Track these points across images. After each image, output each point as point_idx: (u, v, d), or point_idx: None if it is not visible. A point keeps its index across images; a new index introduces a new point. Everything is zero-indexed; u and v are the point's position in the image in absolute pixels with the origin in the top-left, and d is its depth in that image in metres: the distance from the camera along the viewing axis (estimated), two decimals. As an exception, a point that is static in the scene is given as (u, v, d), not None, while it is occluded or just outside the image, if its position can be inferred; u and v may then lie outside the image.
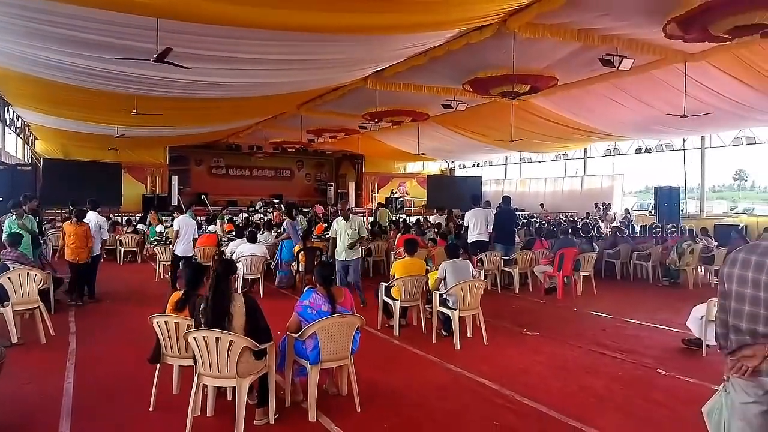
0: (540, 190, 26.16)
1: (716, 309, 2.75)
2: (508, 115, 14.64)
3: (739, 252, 2.67)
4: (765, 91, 11.37)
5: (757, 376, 2.49)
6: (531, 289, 9.89)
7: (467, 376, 5.19)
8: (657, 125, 15.01)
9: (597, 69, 10.04)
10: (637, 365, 5.58)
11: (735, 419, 2.62)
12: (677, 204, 18.96)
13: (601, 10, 7.81)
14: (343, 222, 8.01)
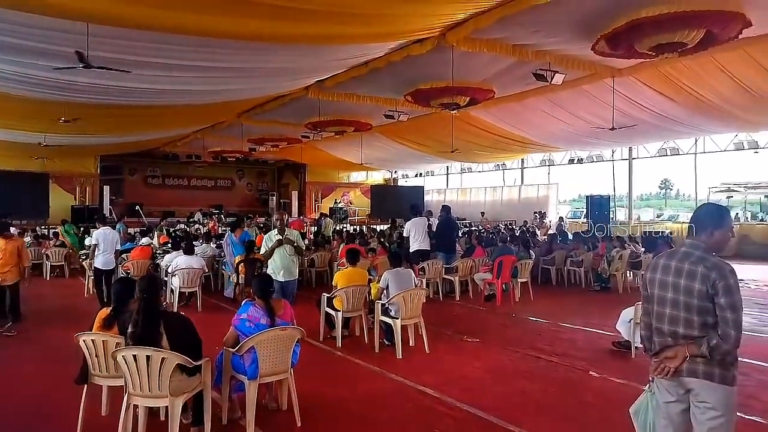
0: (480, 200, 26.79)
1: (640, 312, 2.90)
2: (448, 126, 14.94)
3: (660, 258, 2.84)
4: (686, 105, 12.14)
5: (678, 376, 2.63)
6: (472, 296, 10.07)
7: (409, 385, 5.21)
8: (588, 137, 15.71)
9: (532, 83, 10.41)
10: (570, 368, 5.77)
11: (659, 418, 2.77)
12: (607, 212, 19.89)
13: (533, 26, 8.12)
14: (277, 236, 6.82)
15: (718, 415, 2.54)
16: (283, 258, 6.80)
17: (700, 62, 9.73)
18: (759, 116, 12.84)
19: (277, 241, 6.73)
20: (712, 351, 2.51)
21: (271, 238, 6.89)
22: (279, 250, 6.78)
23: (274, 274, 6.67)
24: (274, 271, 6.76)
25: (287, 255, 6.82)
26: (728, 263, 2.59)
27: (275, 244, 6.74)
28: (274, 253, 6.78)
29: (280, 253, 6.80)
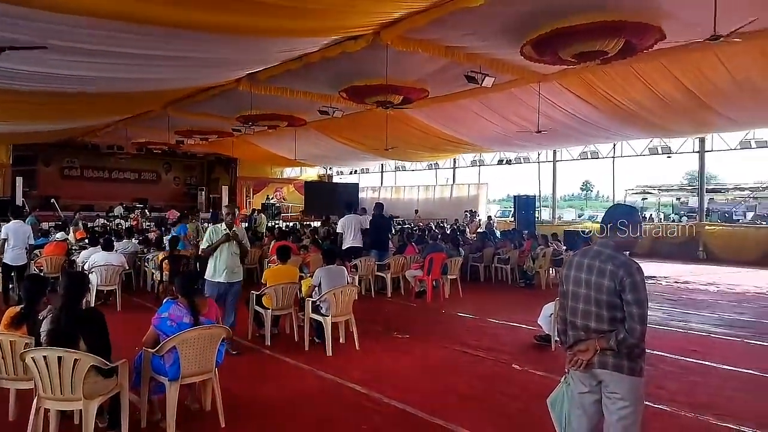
0: (414, 198, 27.16)
1: (559, 309, 3.03)
2: (383, 124, 15.01)
3: (575, 256, 2.98)
4: (606, 111, 12.82)
5: (590, 368, 2.77)
6: (403, 293, 10.19)
7: (338, 382, 5.20)
8: (516, 139, 16.26)
9: (464, 85, 10.63)
10: (495, 362, 5.96)
11: (574, 408, 2.90)
12: (533, 211, 20.71)
13: (465, 29, 8.31)
14: (224, 231, 6.08)
15: (627, 404, 2.69)
16: (227, 256, 6.03)
17: (619, 71, 10.32)
18: (671, 123, 13.76)
19: (225, 236, 6.01)
20: (619, 344, 2.66)
21: (217, 232, 6.07)
22: (224, 247, 6.01)
23: (214, 274, 6.00)
24: (216, 270, 6.01)
25: (233, 253, 6.07)
26: (635, 261, 2.75)
27: (222, 239, 6.00)
28: (219, 251, 6.02)
29: (225, 250, 6.02)
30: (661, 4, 7.07)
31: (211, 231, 6.15)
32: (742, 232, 17.37)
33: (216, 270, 6.05)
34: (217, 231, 6.11)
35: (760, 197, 28.98)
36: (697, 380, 5.42)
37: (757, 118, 13.76)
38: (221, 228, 6.11)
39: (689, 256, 17.06)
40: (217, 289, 6.00)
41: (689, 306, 9.41)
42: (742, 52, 8.98)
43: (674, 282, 12.41)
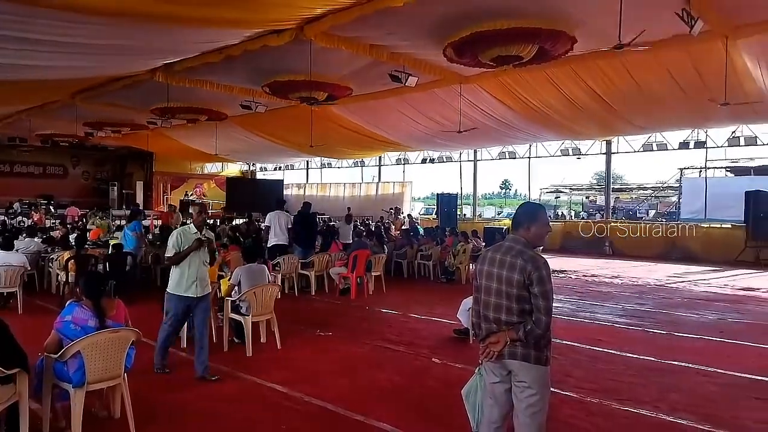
0: (340, 195, 27.13)
1: (472, 302, 3.14)
2: (308, 121, 14.86)
3: (487, 251, 3.10)
4: (522, 113, 13.39)
5: (501, 359, 2.89)
6: (327, 291, 10.16)
7: (258, 383, 5.11)
8: (438, 138, 16.64)
9: (388, 83, 10.73)
10: (415, 356, 6.08)
11: (486, 398, 3.02)
12: (455, 209, 21.29)
13: (389, 28, 8.39)
14: (193, 235, 5.17)
15: (534, 392, 2.84)
16: (198, 266, 5.17)
17: (534, 75, 10.81)
18: (581, 126, 14.60)
19: (197, 241, 5.13)
20: (527, 335, 2.80)
21: (186, 236, 5.14)
22: (194, 255, 5.15)
23: (180, 286, 5.10)
24: (183, 282, 5.09)
25: (204, 262, 5.23)
26: (542, 256, 2.91)
27: (194, 245, 5.11)
28: (188, 259, 5.13)
29: (195, 258, 5.14)
30: (572, 13, 7.48)
31: (180, 234, 5.18)
32: (645, 229, 18.72)
33: (182, 282, 5.10)
34: (186, 235, 5.17)
35: (660, 196, 31.40)
36: (602, 367, 5.79)
37: (657, 123, 14.89)
38: (191, 231, 5.21)
39: (597, 251, 18.19)
40: (183, 304, 5.16)
41: (596, 298, 10.03)
42: (644, 61, 9.69)
43: (582, 276, 13.18)
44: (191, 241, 5.13)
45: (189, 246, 5.11)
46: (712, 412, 4.45)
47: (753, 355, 6.37)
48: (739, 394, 4.96)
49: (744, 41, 8.77)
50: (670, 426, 4.23)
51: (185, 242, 5.14)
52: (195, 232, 5.20)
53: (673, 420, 4.31)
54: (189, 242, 5.12)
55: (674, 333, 7.31)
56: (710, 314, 8.62)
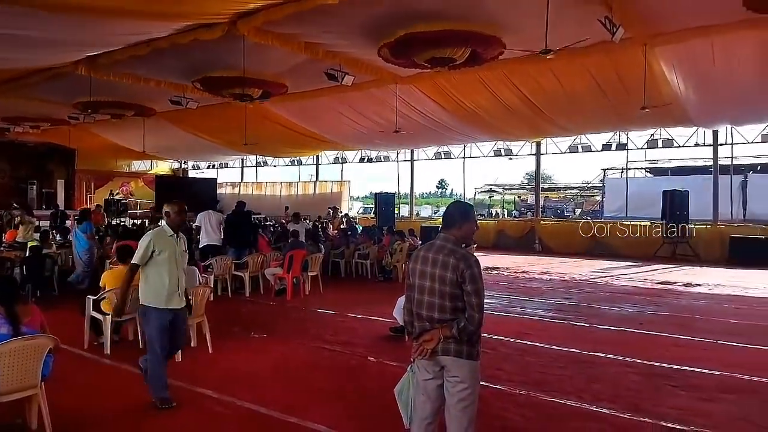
0: (277, 194, 26.71)
1: (405, 301, 3.15)
2: (242, 118, 14.55)
3: (420, 250, 3.12)
4: (457, 114, 13.69)
5: (435, 355, 2.93)
6: (262, 292, 9.97)
7: (188, 389, 4.93)
8: (376, 138, 16.74)
9: (324, 82, 10.68)
10: (351, 355, 6.08)
11: (418, 395, 3.04)
12: (393, 208, 21.46)
13: (324, 26, 8.34)
14: (170, 238, 4.51)
15: (466, 386, 2.90)
16: (174, 273, 4.48)
17: (468, 77, 11.08)
18: (512, 128, 15.10)
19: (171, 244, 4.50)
20: (461, 332, 2.85)
21: (162, 238, 4.46)
22: (169, 260, 4.45)
23: (156, 298, 4.42)
24: (161, 292, 4.41)
25: (180, 270, 4.61)
26: (473, 255, 2.98)
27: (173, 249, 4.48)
28: (160, 265, 4.43)
29: (168, 264, 4.45)
30: (502, 19, 7.71)
31: (154, 237, 4.44)
32: (571, 226, 19.58)
33: (162, 292, 4.40)
34: (161, 237, 4.47)
35: (585, 195, 32.98)
36: (530, 360, 6.00)
37: (582, 126, 15.62)
38: (167, 233, 4.51)
39: (527, 248, 18.85)
40: (166, 317, 4.43)
41: (526, 293, 10.39)
42: (570, 66, 10.14)
43: (514, 272, 13.62)
44: (168, 245, 4.44)
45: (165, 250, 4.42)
46: (633, 401, 4.70)
47: (670, 345, 6.79)
48: (658, 382, 5.27)
49: (661, 48, 9.36)
50: (593, 415, 4.44)
51: (161, 247, 4.41)
52: (171, 234, 4.50)
53: (596, 409, 4.53)
54: (165, 246, 4.42)
55: (597, 326, 7.69)
56: (630, 307, 9.13)
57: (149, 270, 4.43)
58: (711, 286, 11.41)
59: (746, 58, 9.62)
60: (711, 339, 6.93)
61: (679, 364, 5.78)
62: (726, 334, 7.12)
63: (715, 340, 6.89)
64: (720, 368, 5.61)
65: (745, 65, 9.86)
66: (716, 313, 8.64)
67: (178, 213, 4.55)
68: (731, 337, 7.00)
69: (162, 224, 4.68)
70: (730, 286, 11.35)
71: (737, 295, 10.33)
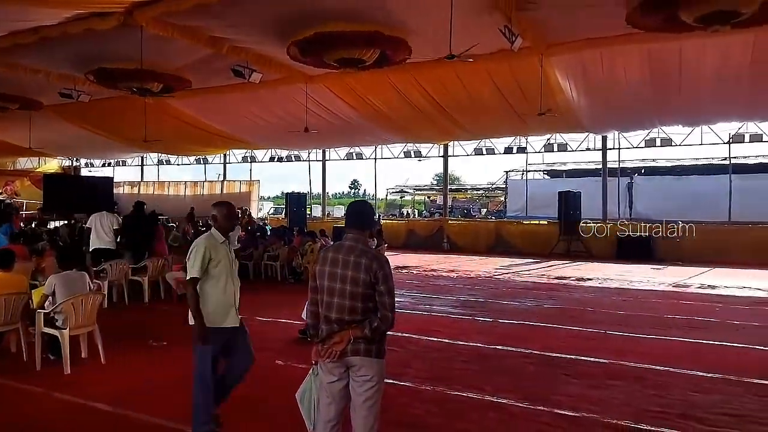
0: (180, 194, 25.54)
1: (309, 304, 3.10)
2: (141, 113, 13.75)
3: (328, 252, 3.06)
4: (366, 115, 13.79)
5: (344, 356, 2.90)
6: (164, 298, 9.48)
7: (79, 403, 4.59)
8: (287, 137, 16.47)
9: (231, 78, 10.35)
10: (259, 360, 5.90)
11: (323, 397, 3.02)
12: (304, 208, 21.24)
13: (230, 20, 8.08)
14: (222, 246, 3.93)
15: (374, 385, 2.92)
16: (235, 284, 4.00)
17: (377, 79, 11.21)
18: (421, 129, 15.45)
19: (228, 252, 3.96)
20: (373, 332, 2.87)
21: (215, 247, 3.86)
22: (227, 270, 3.91)
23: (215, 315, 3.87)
24: (218, 309, 3.88)
25: (237, 282, 4.05)
26: (384, 255, 3.00)
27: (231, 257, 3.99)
28: (216, 278, 3.87)
29: (226, 276, 3.90)
30: (409, 23, 7.87)
31: (207, 245, 3.82)
32: (477, 226, 20.38)
33: (219, 309, 3.88)
34: (214, 244, 3.86)
35: (490, 196, 34.51)
36: (436, 356, 6.16)
37: (486, 130, 16.31)
38: (218, 240, 3.91)
39: (436, 247, 19.38)
40: (222, 338, 3.92)
41: (434, 291, 10.67)
42: (474, 72, 10.54)
43: (422, 271, 13.94)
44: (222, 254, 3.86)
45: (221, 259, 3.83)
46: (531, 391, 4.96)
47: (564, 336, 7.24)
48: (553, 372, 5.60)
49: (555, 58, 9.97)
50: (494, 406, 4.63)
51: (217, 256, 3.82)
52: (223, 240, 3.94)
53: (496, 400, 4.73)
54: (220, 255, 3.84)
55: (500, 320, 8.06)
56: (529, 302, 9.64)
57: (203, 284, 3.82)
58: (601, 280, 12.33)
59: (630, 69, 10.50)
60: (601, 330, 7.48)
61: (572, 354, 6.17)
62: (614, 325, 7.72)
63: (604, 330, 7.44)
64: (608, 357, 6.06)
65: (629, 76, 10.75)
66: (606, 306, 9.34)
67: (227, 217, 3.97)
68: (619, 327, 7.59)
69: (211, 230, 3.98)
70: (617, 279, 12.31)
71: (624, 288, 11.23)
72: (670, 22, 7.11)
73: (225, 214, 3.96)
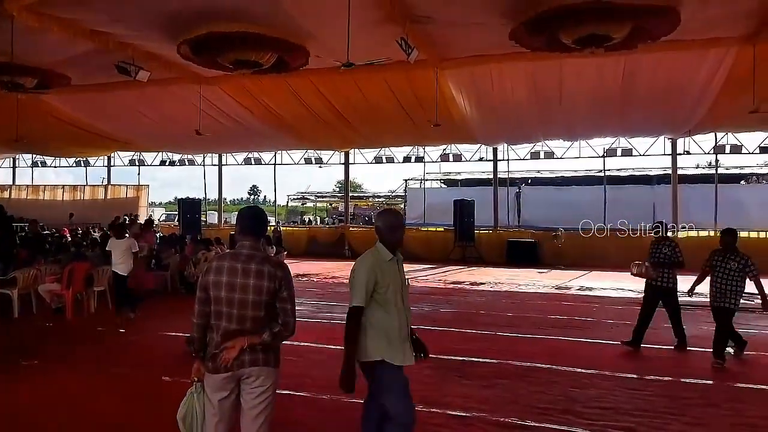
0: (58, 198, 23.46)
1: (195, 317, 2.92)
2: (12, 111, 12.47)
3: (222, 261, 2.89)
4: (265, 120, 13.52)
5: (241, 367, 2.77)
6: (36, 312, 8.62)
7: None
8: (177, 139, 15.72)
9: (115, 75, 9.67)
10: (145, 377, 5.55)
11: (209, 416, 2.87)
12: (198, 215, 20.33)
13: (114, 15, 7.57)
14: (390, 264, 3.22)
15: (270, 395, 2.85)
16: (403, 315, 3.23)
17: (276, 83, 11.04)
18: (321, 136, 15.42)
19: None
20: (275, 338, 2.79)
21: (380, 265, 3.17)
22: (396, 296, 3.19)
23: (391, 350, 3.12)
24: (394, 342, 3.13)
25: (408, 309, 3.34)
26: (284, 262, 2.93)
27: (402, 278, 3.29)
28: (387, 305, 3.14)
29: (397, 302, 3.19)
30: (306, 28, 7.82)
31: (372, 265, 3.14)
32: (377, 233, 20.54)
33: (394, 342, 3.13)
34: (380, 263, 3.17)
35: (391, 204, 35.15)
36: (336, 364, 6.04)
37: (384, 138, 16.62)
38: (385, 257, 3.21)
39: (338, 254, 19.36)
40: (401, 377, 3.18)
41: (335, 298, 10.62)
42: (373, 81, 10.71)
43: (323, 278, 13.87)
44: (391, 275, 3.17)
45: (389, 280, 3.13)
46: (425, 393, 5.05)
47: (458, 338, 7.50)
48: (447, 374, 5.76)
49: (449, 72, 10.38)
50: (390, 411, 4.67)
51: (385, 278, 3.13)
52: (391, 258, 3.21)
53: (392, 405, 4.78)
54: (389, 277, 3.15)
55: (398, 326, 8.17)
56: (427, 306, 9.90)
57: (370, 312, 3.12)
58: (492, 284, 12.96)
59: (516, 86, 11.20)
60: (491, 331, 7.84)
61: (465, 356, 6.41)
62: (503, 326, 8.13)
63: (494, 332, 7.81)
64: (497, 357, 6.36)
65: (516, 91, 11.46)
66: (496, 308, 9.82)
67: (391, 228, 3.26)
68: (508, 328, 8.00)
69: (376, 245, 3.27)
70: (507, 283, 13.02)
71: (512, 291, 11.89)
72: (551, 42, 7.68)
73: (389, 225, 3.27)
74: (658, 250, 6.76)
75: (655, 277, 6.70)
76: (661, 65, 9.95)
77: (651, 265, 6.70)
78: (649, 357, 6.54)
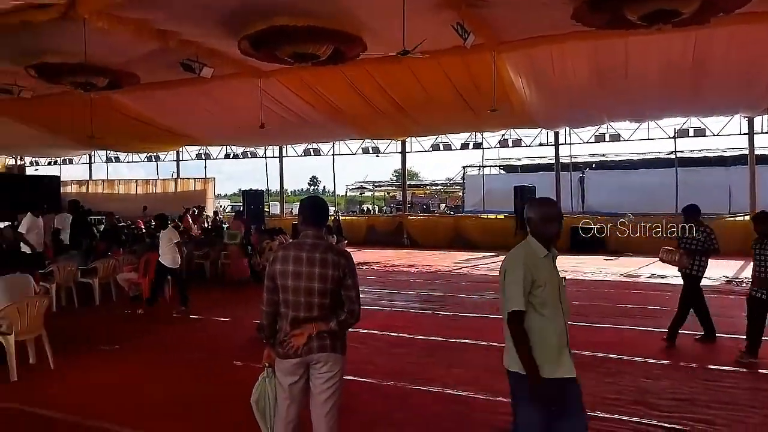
0: (132, 192, 24.76)
1: (264, 305, 2.99)
2: (86, 109, 13.22)
3: (289, 250, 2.94)
4: (323, 111, 13.66)
5: (309, 353, 2.84)
6: (115, 300, 9.16)
7: (27, 411, 4.40)
8: (240, 133, 16.16)
9: (181, 73, 10.04)
10: (215, 361, 5.79)
11: (282, 399, 2.96)
12: (262, 206, 20.91)
13: (177, 13, 7.84)
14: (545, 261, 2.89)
15: (338, 381, 2.91)
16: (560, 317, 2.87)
17: (333, 75, 11.11)
18: (377, 126, 15.44)
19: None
20: (341, 325, 2.86)
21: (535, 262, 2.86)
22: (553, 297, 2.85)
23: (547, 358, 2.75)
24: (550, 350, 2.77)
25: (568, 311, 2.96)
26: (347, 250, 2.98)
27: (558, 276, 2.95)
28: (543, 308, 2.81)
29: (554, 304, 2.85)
30: (362, 18, 7.81)
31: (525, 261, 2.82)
32: (436, 221, 20.52)
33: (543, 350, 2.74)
34: (534, 260, 2.85)
35: (449, 191, 34.85)
36: (398, 351, 6.17)
37: (441, 125, 16.44)
38: (539, 252, 2.87)
39: (396, 243, 19.43)
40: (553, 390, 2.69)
41: (395, 286, 10.69)
42: (429, 68, 10.59)
43: (383, 266, 13.97)
44: (547, 273, 2.84)
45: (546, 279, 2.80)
46: (489, 383, 5.00)
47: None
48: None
49: (507, 55, 10.11)
50: (455, 399, 4.67)
51: (540, 276, 2.79)
52: (546, 254, 2.87)
53: (457, 393, 4.78)
54: (545, 276, 2.82)
55: (459, 314, 8.14)
56: (488, 295, 9.77)
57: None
58: (556, 271, 12.61)
59: (579, 67, 10.77)
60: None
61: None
62: (574, 315, 7.89)
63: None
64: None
65: (578, 72, 11.02)
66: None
67: (544, 219, 2.89)
68: (575, 317, 7.53)
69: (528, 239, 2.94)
70: (572, 271, 12.62)
71: (578, 279, 11.51)
72: (615, 19, 7.32)
73: (544, 216, 2.89)
74: (691, 236, 6.33)
75: (687, 265, 6.25)
76: (735, 39, 9.29)
77: (684, 253, 6.27)
78: (727, 348, 6.18)
